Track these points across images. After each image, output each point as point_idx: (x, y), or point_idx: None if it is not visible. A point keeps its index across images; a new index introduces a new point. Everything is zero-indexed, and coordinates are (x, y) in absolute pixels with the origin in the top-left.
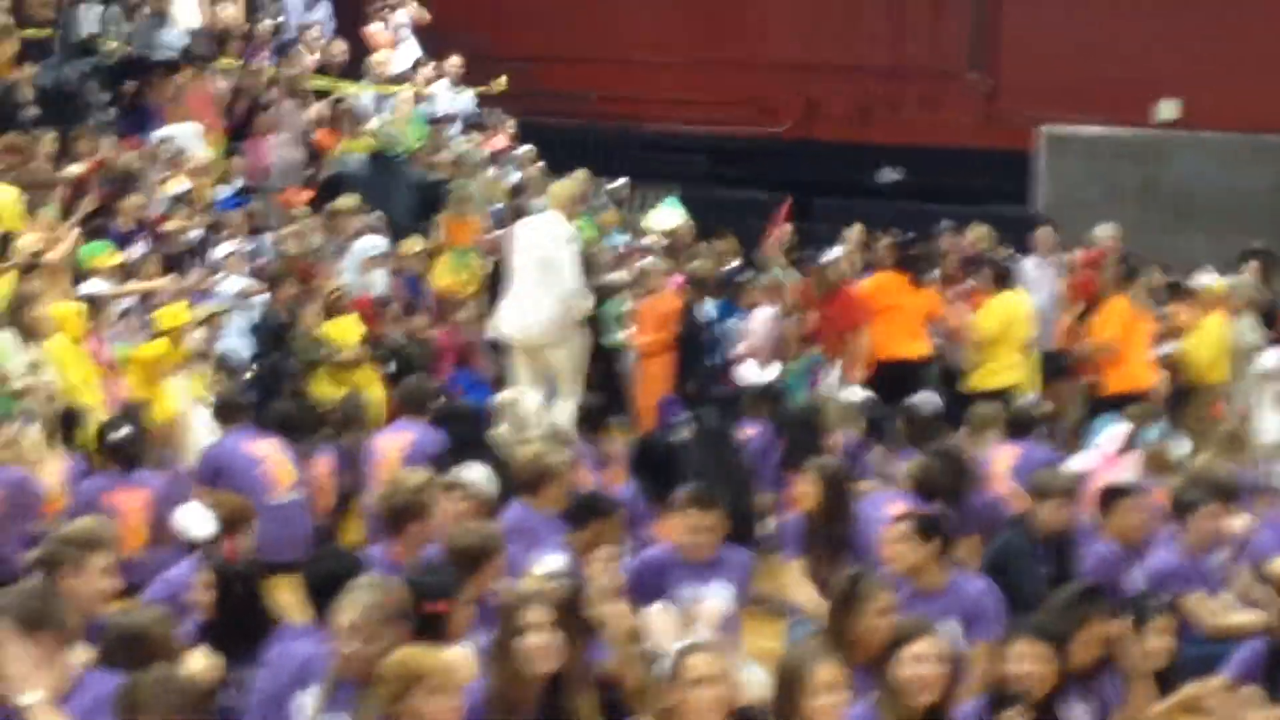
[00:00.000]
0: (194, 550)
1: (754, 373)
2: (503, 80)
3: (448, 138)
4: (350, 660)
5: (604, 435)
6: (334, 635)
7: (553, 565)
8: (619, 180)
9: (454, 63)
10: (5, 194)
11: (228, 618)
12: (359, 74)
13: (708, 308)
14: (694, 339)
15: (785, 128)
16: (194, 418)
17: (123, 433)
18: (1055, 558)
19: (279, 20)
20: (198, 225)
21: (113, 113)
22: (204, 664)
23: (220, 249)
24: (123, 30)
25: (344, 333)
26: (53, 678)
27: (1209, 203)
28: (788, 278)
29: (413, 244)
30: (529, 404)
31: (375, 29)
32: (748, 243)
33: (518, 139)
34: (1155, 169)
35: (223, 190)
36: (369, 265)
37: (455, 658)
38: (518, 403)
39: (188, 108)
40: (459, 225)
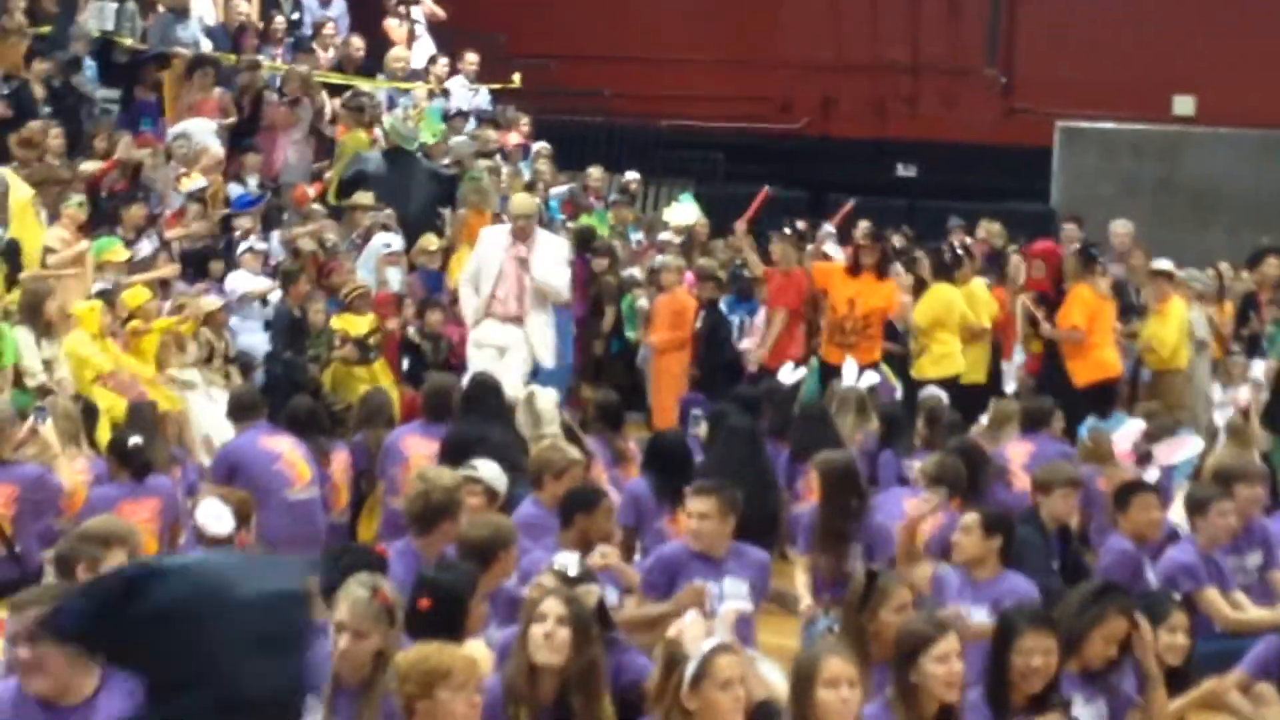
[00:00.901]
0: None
1: (789, 373)
2: (517, 77)
3: (464, 134)
4: (344, 657)
5: (621, 432)
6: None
7: (568, 561)
8: (631, 175)
9: (470, 59)
10: (22, 192)
11: None
12: (375, 70)
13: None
14: (714, 335)
15: (802, 124)
16: (201, 412)
17: (134, 441)
18: (1064, 550)
19: (294, 16)
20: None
21: (114, 109)
22: None
23: (240, 246)
24: (138, 26)
25: (357, 329)
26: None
27: (1226, 198)
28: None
29: (429, 240)
30: (546, 399)
31: (392, 25)
32: (764, 239)
33: (533, 136)
34: (1172, 164)
35: (237, 188)
36: (385, 263)
37: (474, 653)
38: (535, 397)
39: (192, 104)
40: (479, 219)
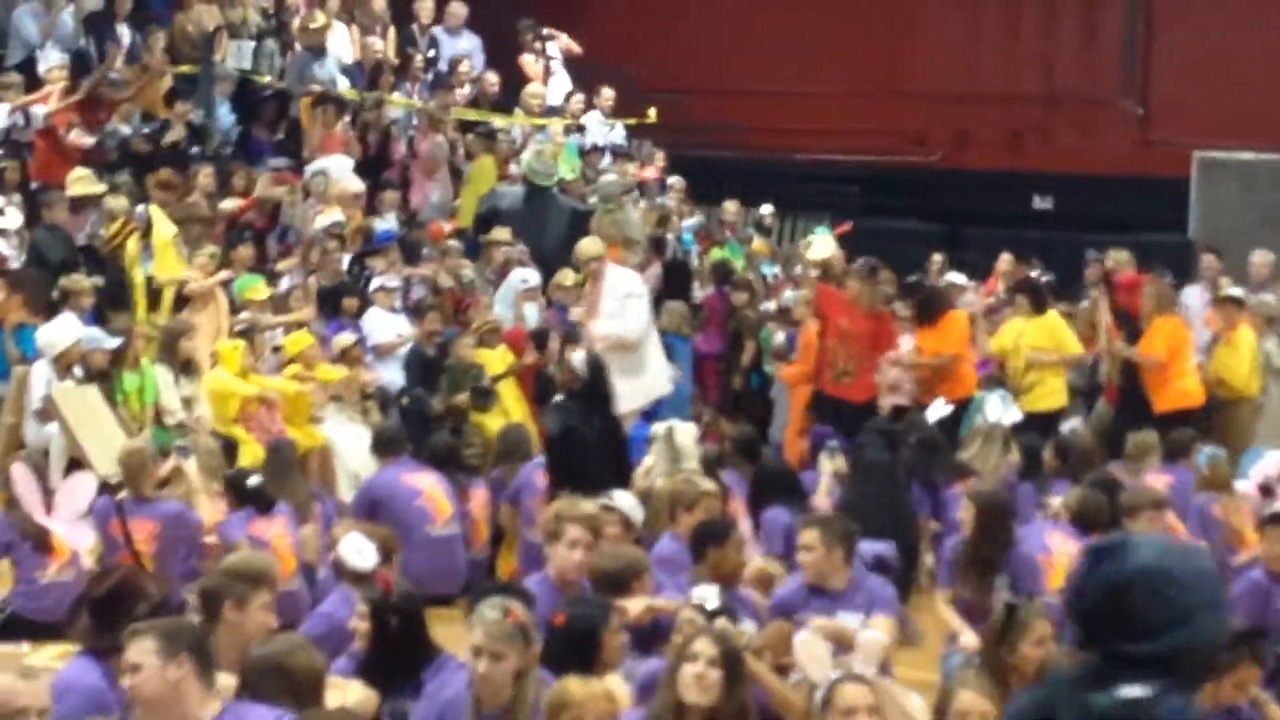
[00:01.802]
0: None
1: (938, 409)
2: (653, 112)
3: (600, 169)
4: (484, 681)
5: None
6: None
7: (707, 594)
8: (765, 208)
9: (606, 94)
10: (165, 230)
11: (386, 650)
12: (510, 106)
13: None
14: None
15: (937, 156)
16: (344, 448)
17: (253, 481)
18: None
19: (430, 54)
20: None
21: (248, 147)
22: (361, 696)
23: (372, 283)
24: (276, 65)
25: (493, 364)
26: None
27: None
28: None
29: (566, 275)
30: (686, 435)
31: (528, 60)
32: (901, 272)
33: (668, 170)
34: None
35: (378, 223)
36: (522, 298)
37: (611, 687)
38: (675, 433)
39: (319, 141)
40: (613, 253)
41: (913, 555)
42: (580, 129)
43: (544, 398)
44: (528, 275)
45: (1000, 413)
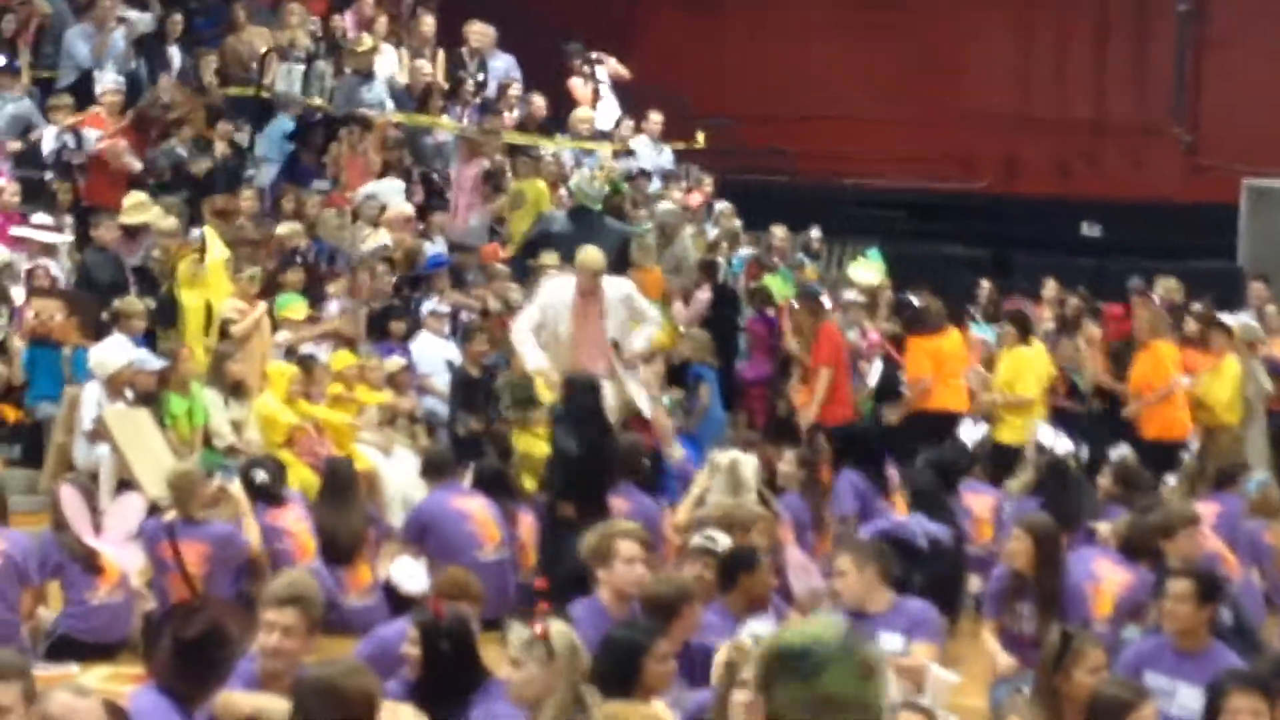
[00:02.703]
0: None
1: (970, 430)
2: (701, 136)
3: (648, 194)
4: (517, 692)
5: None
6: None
7: (761, 628)
8: (814, 232)
9: (654, 119)
10: (219, 252)
11: (436, 674)
12: (556, 129)
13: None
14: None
15: (986, 183)
16: (391, 472)
17: (261, 477)
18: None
19: (480, 77)
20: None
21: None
22: None
23: (424, 308)
24: (326, 88)
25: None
26: None
27: None
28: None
29: None
30: (748, 468)
31: (577, 84)
32: (949, 298)
33: (716, 195)
34: None
35: (428, 247)
36: None
37: (657, 713)
38: (739, 465)
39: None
40: (644, 277)
41: (955, 586)
42: (629, 153)
43: None
44: None
45: (1052, 441)
